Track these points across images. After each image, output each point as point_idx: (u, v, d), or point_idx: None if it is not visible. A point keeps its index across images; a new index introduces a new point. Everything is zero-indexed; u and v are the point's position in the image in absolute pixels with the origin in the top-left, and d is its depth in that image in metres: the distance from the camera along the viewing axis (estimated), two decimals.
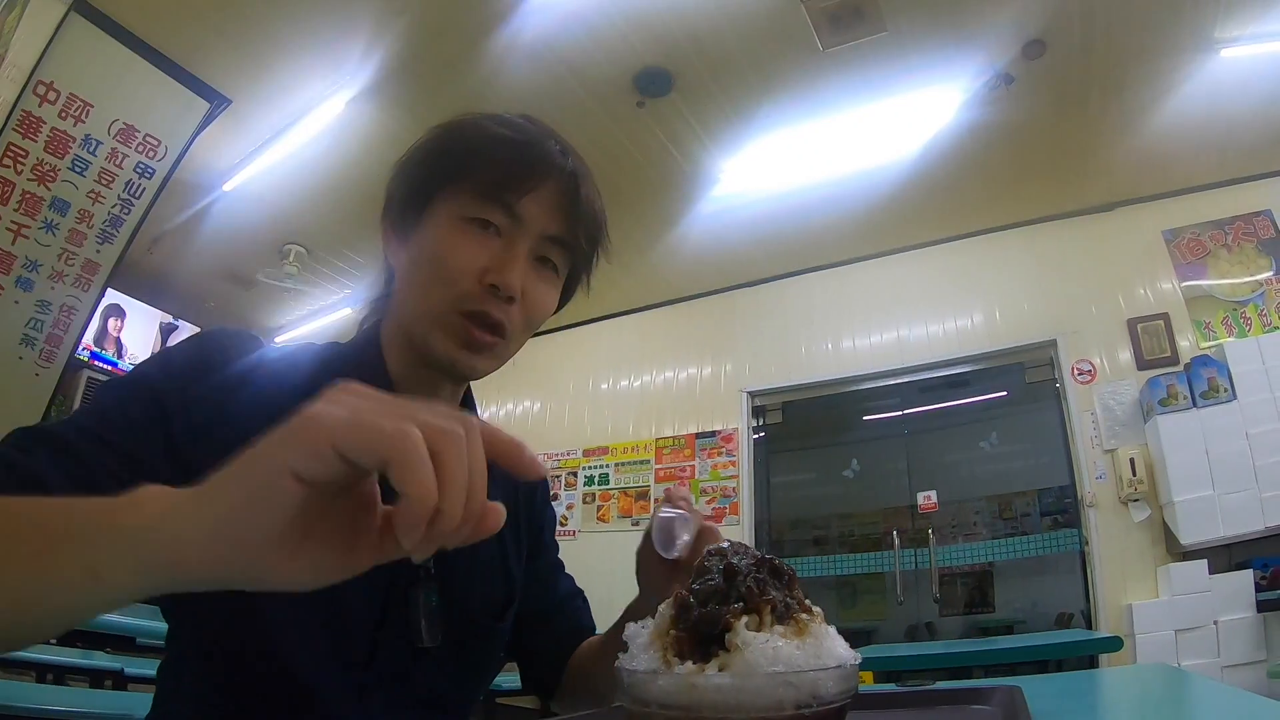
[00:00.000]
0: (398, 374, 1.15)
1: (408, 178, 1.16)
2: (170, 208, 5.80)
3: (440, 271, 1.07)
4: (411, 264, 1.13)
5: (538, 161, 1.10)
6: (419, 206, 1.13)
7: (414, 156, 1.17)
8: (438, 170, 1.12)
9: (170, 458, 0.92)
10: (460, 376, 1.15)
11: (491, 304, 1.07)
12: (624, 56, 4.89)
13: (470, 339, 1.08)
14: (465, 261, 1.07)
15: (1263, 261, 5.84)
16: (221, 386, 1.00)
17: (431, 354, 1.10)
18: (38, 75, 4.20)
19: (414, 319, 1.11)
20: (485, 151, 1.10)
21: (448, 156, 1.13)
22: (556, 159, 1.12)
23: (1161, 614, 5.15)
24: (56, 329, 4.65)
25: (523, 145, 1.11)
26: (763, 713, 0.53)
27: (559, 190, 1.11)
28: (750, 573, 0.61)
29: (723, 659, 0.56)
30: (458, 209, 1.09)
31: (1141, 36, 4.76)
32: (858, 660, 0.59)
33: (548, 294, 1.16)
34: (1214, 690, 1.42)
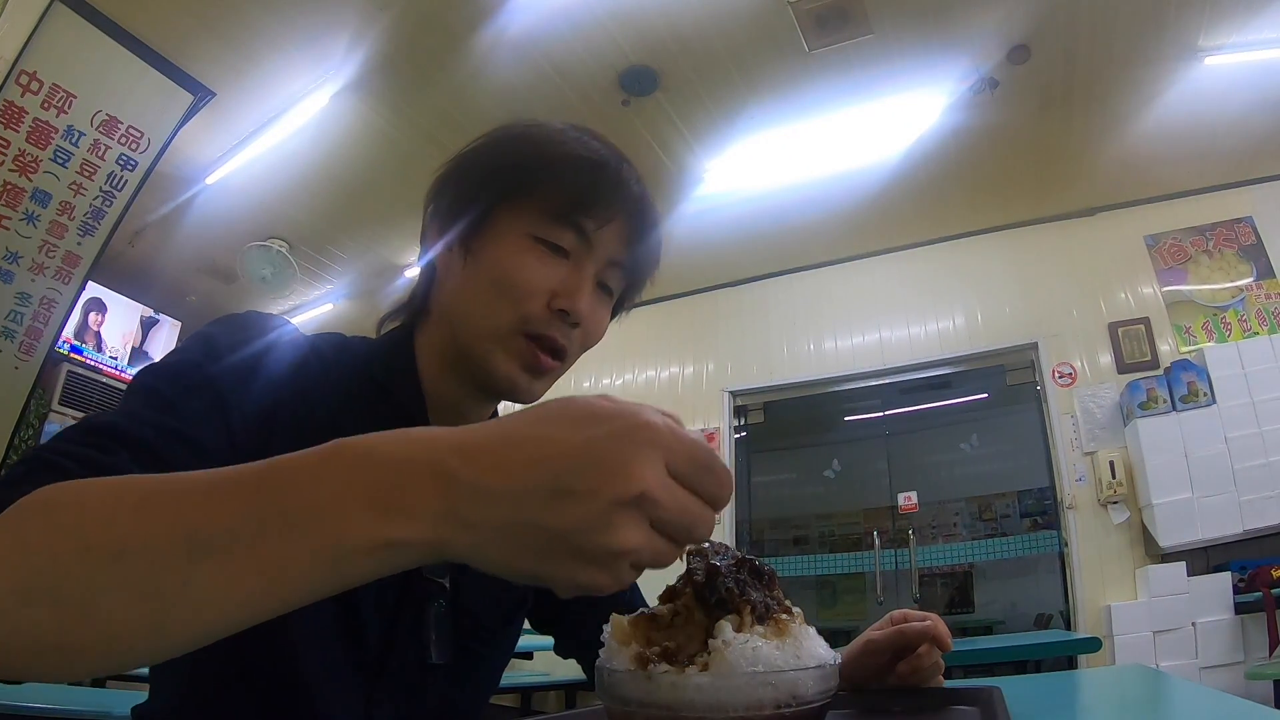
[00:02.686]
0: (432, 386, 1.11)
1: (470, 182, 1.10)
2: (152, 200, 5.76)
3: (508, 291, 1.02)
4: (472, 279, 1.06)
5: (615, 186, 1.06)
6: (481, 215, 1.07)
7: (480, 160, 1.11)
8: (509, 181, 1.06)
9: (231, 448, 0.89)
10: (514, 399, 1.10)
11: (557, 328, 1.04)
12: (609, 55, 4.89)
13: (535, 363, 1.04)
14: (535, 283, 1.02)
15: (1243, 267, 5.88)
16: (273, 376, 0.97)
17: (490, 374, 1.06)
18: (20, 65, 4.16)
19: (474, 336, 1.06)
20: (562, 170, 1.05)
21: (521, 170, 1.06)
22: (632, 185, 1.08)
23: (1140, 615, 5.18)
24: (36, 321, 4.61)
25: (600, 167, 1.06)
26: (742, 712, 0.53)
27: (631, 217, 1.07)
28: (731, 573, 0.61)
29: (703, 659, 0.57)
30: (528, 226, 1.04)
31: (1125, 43, 4.78)
32: (838, 661, 0.59)
33: (604, 318, 1.14)
34: (1191, 691, 1.43)
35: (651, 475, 0.50)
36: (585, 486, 0.49)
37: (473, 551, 0.51)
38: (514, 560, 0.51)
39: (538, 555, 0.50)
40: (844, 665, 1.04)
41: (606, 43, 4.80)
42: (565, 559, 0.50)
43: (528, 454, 0.50)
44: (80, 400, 6.66)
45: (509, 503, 0.49)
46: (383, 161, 5.76)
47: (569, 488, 0.49)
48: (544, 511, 0.49)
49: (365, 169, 5.86)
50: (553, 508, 0.49)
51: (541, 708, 6.13)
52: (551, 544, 0.50)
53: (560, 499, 0.49)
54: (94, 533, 0.52)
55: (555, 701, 5.93)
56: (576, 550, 0.49)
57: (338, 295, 7.64)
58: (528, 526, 0.49)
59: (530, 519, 0.49)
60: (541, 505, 0.49)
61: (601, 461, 0.49)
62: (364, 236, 6.81)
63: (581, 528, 0.49)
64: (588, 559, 0.50)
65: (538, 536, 0.49)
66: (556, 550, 0.50)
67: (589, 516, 0.49)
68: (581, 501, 0.49)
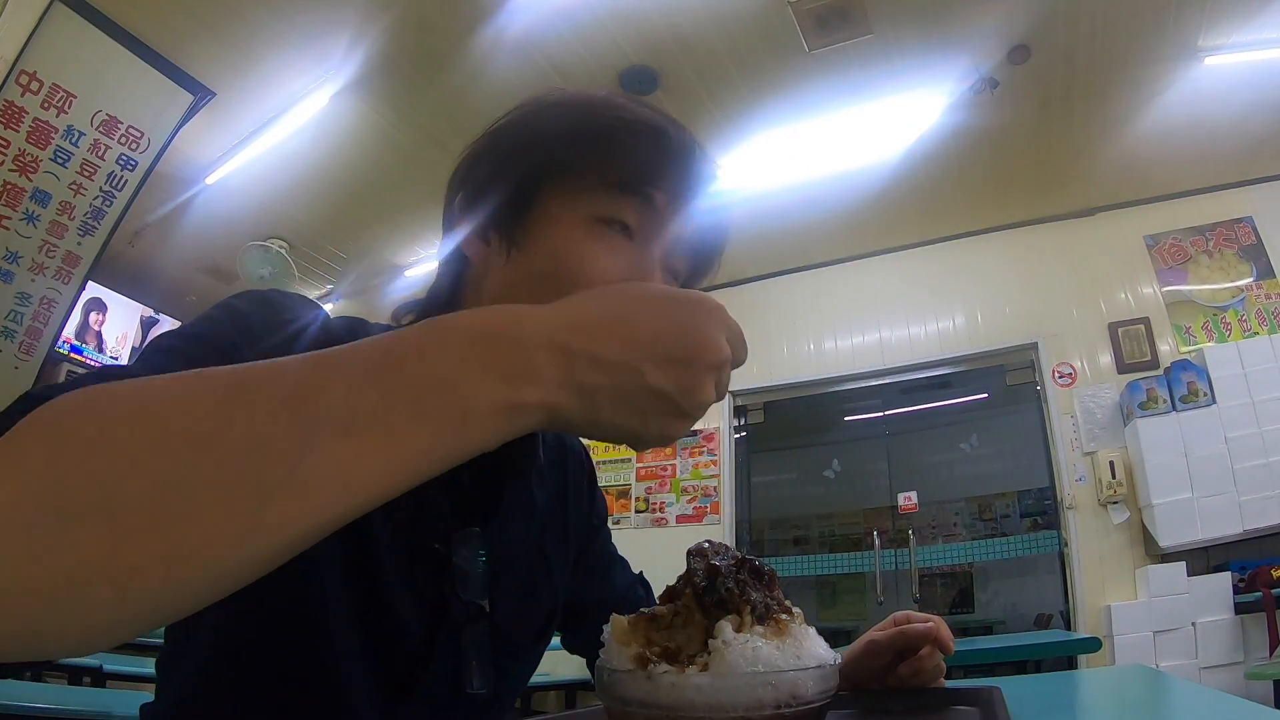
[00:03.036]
0: None
1: (509, 160, 0.96)
2: (152, 200, 5.76)
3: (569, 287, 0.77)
4: (523, 274, 0.92)
5: (682, 152, 0.95)
6: (525, 198, 0.93)
7: (518, 134, 0.99)
8: (558, 154, 0.93)
9: None
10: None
11: None
12: (610, 54, 4.89)
13: None
14: (602, 271, 0.88)
15: (1243, 268, 5.88)
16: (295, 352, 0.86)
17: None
18: (20, 65, 4.17)
19: None
20: (623, 136, 0.92)
21: (572, 140, 0.93)
22: (697, 151, 0.96)
23: (1140, 615, 5.18)
24: (36, 321, 4.62)
25: (661, 132, 0.94)
26: (743, 712, 0.53)
27: (698, 187, 0.95)
28: (731, 574, 0.61)
29: (703, 659, 0.57)
30: (584, 205, 0.91)
31: (1125, 43, 4.78)
32: (838, 661, 0.59)
33: None
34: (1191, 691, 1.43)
35: (725, 346, 0.62)
36: (686, 356, 0.59)
37: (585, 413, 0.56)
38: (619, 418, 0.58)
39: (641, 413, 0.58)
40: (845, 665, 1.04)
41: (606, 43, 4.80)
42: (663, 415, 0.59)
43: (634, 331, 0.58)
44: None
45: (622, 370, 0.57)
46: (383, 161, 5.76)
47: (674, 357, 0.58)
48: (653, 375, 0.57)
49: (365, 169, 5.86)
50: (660, 372, 0.58)
51: (541, 708, 6.13)
52: (654, 402, 0.58)
53: (666, 366, 0.58)
54: (171, 418, 0.46)
55: (555, 701, 5.94)
56: (674, 407, 0.59)
57: (337, 295, 7.64)
58: (637, 389, 0.57)
59: (640, 383, 0.57)
60: (651, 371, 0.57)
61: (697, 336, 0.60)
62: (364, 236, 6.81)
63: (682, 388, 0.59)
64: (681, 413, 0.60)
65: (644, 397, 0.58)
66: (657, 407, 0.59)
67: (689, 379, 0.59)
68: (683, 367, 0.59)
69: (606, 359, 0.56)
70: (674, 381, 0.58)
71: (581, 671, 4.71)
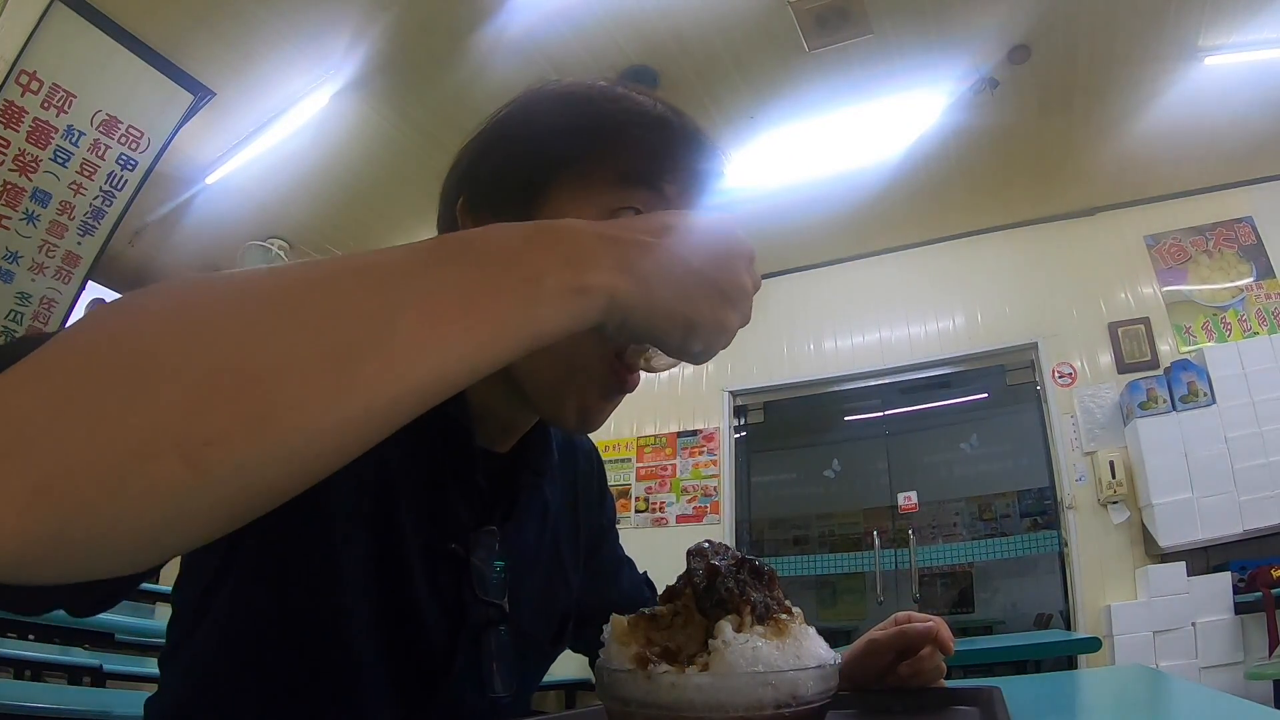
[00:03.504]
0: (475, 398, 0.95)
1: (514, 155, 0.94)
2: (152, 200, 5.76)
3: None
4: None
5: (692, 142, 0.94)
6: (534, 195, 0.90)
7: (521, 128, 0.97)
8: (566, 150, 0.91)
9: None
10: (582, 430, 0.94)
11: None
12: (609, 54, 4.89)
13: (618, 383, 0.91)
14: None
15: (1243, 268, 5.88)
16: None
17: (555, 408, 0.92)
18: (20, 65, 4.17)
19: (543, 361, 0.86)
20: (632, 128, 0.91)
21: (579, 133, 0.91)
22: (703, 137, 0.95)
23: (1140, 615, 5.18)
24: (36, 321, 4.62)
25: (670, 122, 0.93)
26: (743, 712, 0.53)
27: (709, 177, 0.95)
28: (731, 574, 0.61)
29: (703, 659, 0.57)
30: (597, 201, 0.88)
31: (1125, 43, 4.79)
32: (838, 661, 0.59)
33: None
34: (1191, 691, 1.43)
35: (751, 246, 0.71)
36: (723, 248, 0.66)
37: (643, 297, 0.58)
38: (675, 303, 0.61)
39: (692, 299, 0.62)
40: (846, 665, 1.04)
41: (606, 43, 4.80)
42: (712, 301, 0.64)
43: (675, 229, 0.63)
44: None
45: (670, 255, 0.61)
46: (383, 161, 5.76)
47: (713, 248, 0.65)
48: (697, 261, 0.63)
49: (365, 169, 5.86)
50: (702, 259, 0.63)
51: (541, 707, 6.12)
52: (701, 287, 0.63)
53: (707, 255, 0.64)
54: (254, 289, 0.46)
55: (555, 701, 5.93)
56: (720, 292, 0.64)
57: None
58: (685, 272, 0.62)
59: (687, 267, 0.62)
60: (694, 258, 0.63)
61: (723, 227, 0.68)
62: (364, 236, 6.80)
63: (724, 273, 0.65)
64: (727, 299, 0.65)
65: (692, 281, 0.62)
66: (705, 292, 0.63)
67: (728, 266, 0.66)
68: (721, 257, 0.66)
69: (654, 247, 0.60)
70: (715, 267, 0.64)
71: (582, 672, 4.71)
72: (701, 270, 0.63)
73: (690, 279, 0.62)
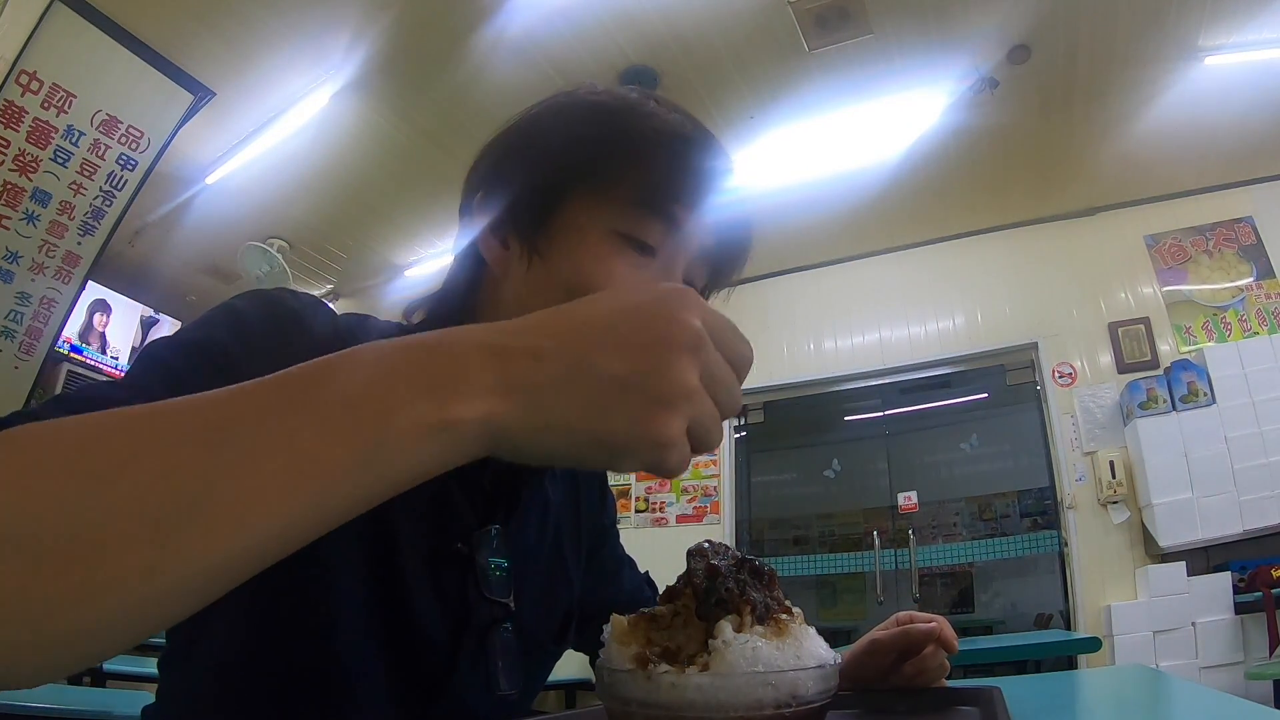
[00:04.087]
0: None
1: (534, 163, 0.95)
2: (152, 200, 5.76)
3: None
4: (544, 285, 0.90)
5: (711, 163, 0.93)
6: (550, 205, 0.92)
7: (544, 136, 0.97)
8: (586, 164, 0.92)
9: None
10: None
11: None
12: (610, 55, 4.89)
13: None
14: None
15: (1243, 268, 5.88)
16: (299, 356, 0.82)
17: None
18: (20, 65, 4.17)
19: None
20: (652, 150, 0.90)
21: (600, 149, 0.92)
22: (723, 163, 0.94)
23: (1140, 615, 5.18)
24: (36, 321, 4.62)
25: (690, 144, 0.92)
26: (743, 712, 0.53)
27: (722, 200, 0.93)
28: (731, 574, 0.61)
29: (703, 659, 0.57)
30: (609, 220, 0.89)
31: (1126, 43, 4.78)
32: (838, 661, 0.59)
33: None
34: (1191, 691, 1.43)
35: (697, 324, 0.51)
36: (644, 337, 0.50)
37: (531, 418, 0.49)
38: (574, 417, 0.49)
39: (600, 408, 0.48)
40: (848, 665, 1.05)
41: (606, 43, 4.80)
42: (630, 406, 0.49)
43: (580, 321, 0.51)
44: None
45: (567, 359, 0.49)
46: (383, 161, 5.76)
47: (629, 340, 0.49)
48: (605, 361, 0.49)
49: (365, 169, 5.86)
50: (614, 357, 0.49)
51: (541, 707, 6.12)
52: (613, 393, 0.49)
53: (620, 349, 0.49)
54: (90, 455, 0.45)
55: (555, 701, 5.93)
56: (642, 394, 0.49)
57: (338, 295, 7.64)
58: (588, 379, 0.49)
59: (591, 372, 0.49)
60: (602, 357, 0.49)
61: (658, 314, 0.51)
62: (364, 236, 6.81)
63: (645, 370, 0.49)
64: (654, 400, 0.49)
65: (599, 387, 0.49)
66: (619, 398, 0.49)
67: (650, 359, 0.49)
68: (641, 349, 0.49)
69: (547, 350, 0.49)
70: (632, 365, 0.49)
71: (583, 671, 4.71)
72: (618, 374, 0.49)
73: (601, 387, 0.49)
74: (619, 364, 0.49)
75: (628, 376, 0.49)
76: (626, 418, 0.49)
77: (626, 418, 0.49)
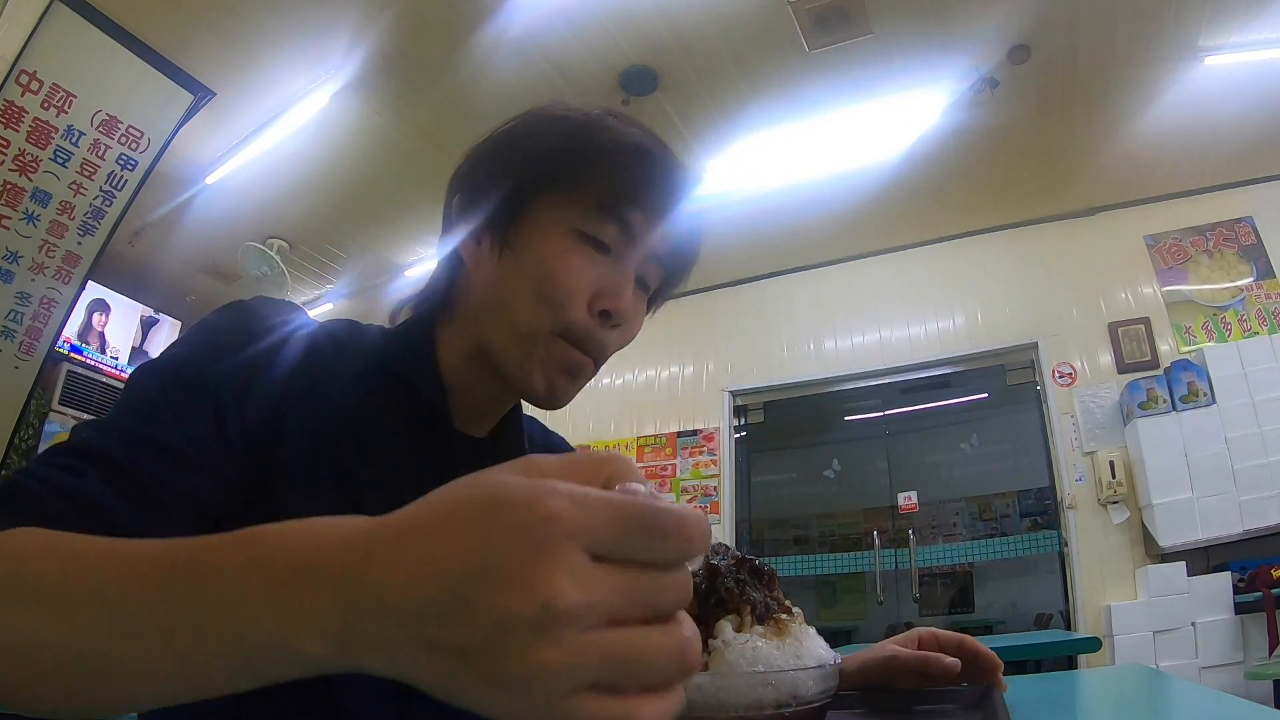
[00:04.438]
0: (452, 379, 1.06)
1: (507, 168, 1.03)
2: (152, 200, 5.75)
3: (551, 293, 0.97)
4: (507, 276, 1.00)
5: (662, 175, 1.02)
6: (518, 205, 1.01)
7: (517, 144, 1.05)
8: (551, 169, 1.01)
9: (227, 452, 0.85)
10: (545, 404, 1.05)
11: (598, 330, 0.99)
12: (610, 54, 4.88)
13: (573, 364, 1.00)
14: (579, 284, 0.97)
15: (1243, 268, 5.88)
16: (281, 374, 0.92)
17: (525, 379, 1.01)
18: (20, 65, 4.16)
19: (510, 338, 1.00)
20: (609, 158, 1.00)
21: (564, 157, 1.01)
22: (676, 174, 1.03)
23: (1140, 615, 5.18)
24: (36, 321, 4.61)
25: (645, 154, 1.01)
26: (743, 712, 0.53)
27: (673, 208, 1.02)
28: (731, 573, 0.61)
29: (704, 659, 0.56)
30: (570, 219, 0.99)
31: (1126, 43, 4.79)
32: (839, 661, 0.59)
33: (640, 316, 1.11)
34: (1191, 691, 1.43)
35: (553, 587, 0.37)
36: (478, 599, 0.37)
37: (391, 671, 0.41)
38: (435, 685, 0.40)
39: (451, 681, 0.39)
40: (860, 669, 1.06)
41: (606, 43, 4.79)
42: (482, 687, 0.38)
43: (427, 556, 0.39)
44: (80, 400, 6.65)
45: (407, 619, 0.39)
46: (383, 161, 5.76)
47: (463, 601, 0.38)
48: (439, 630, 0.38)
49: (365, 169, 5.85)
50: (448, 626, 0.38)
51: None
52: (457, 669, 0.38)
53: (455, 616, 0.38)
54: (24, 588, 0.53)
55: None
56: (485, 675, 0.38)
57: (337, 295, 7.64)
58: (428, 647, 0.39)
59: (428, 638, 0.39)
60: (437, 623, 0.38)
61: (497, 568, 0.37)
62: (364, 236, 6.80)
63: (478, 649, 0.38)
64: (504, 688, 0.38)
65: (441, 659, 0.39)
66: (467, 676, 0.38)
67: (484, 635, 0.37)
68: (475, 618, 0.37)
69: (388, 604, 0.39)
70: (464, 638, 0.38)
71: None
72: (451, 646, 0.38)
73: (437, 658, 0.38)
74: (454, 637, 0.38)
75: (466, 655, 0.38)
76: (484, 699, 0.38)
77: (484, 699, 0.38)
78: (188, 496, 0.81)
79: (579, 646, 0.37)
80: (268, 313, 0.96)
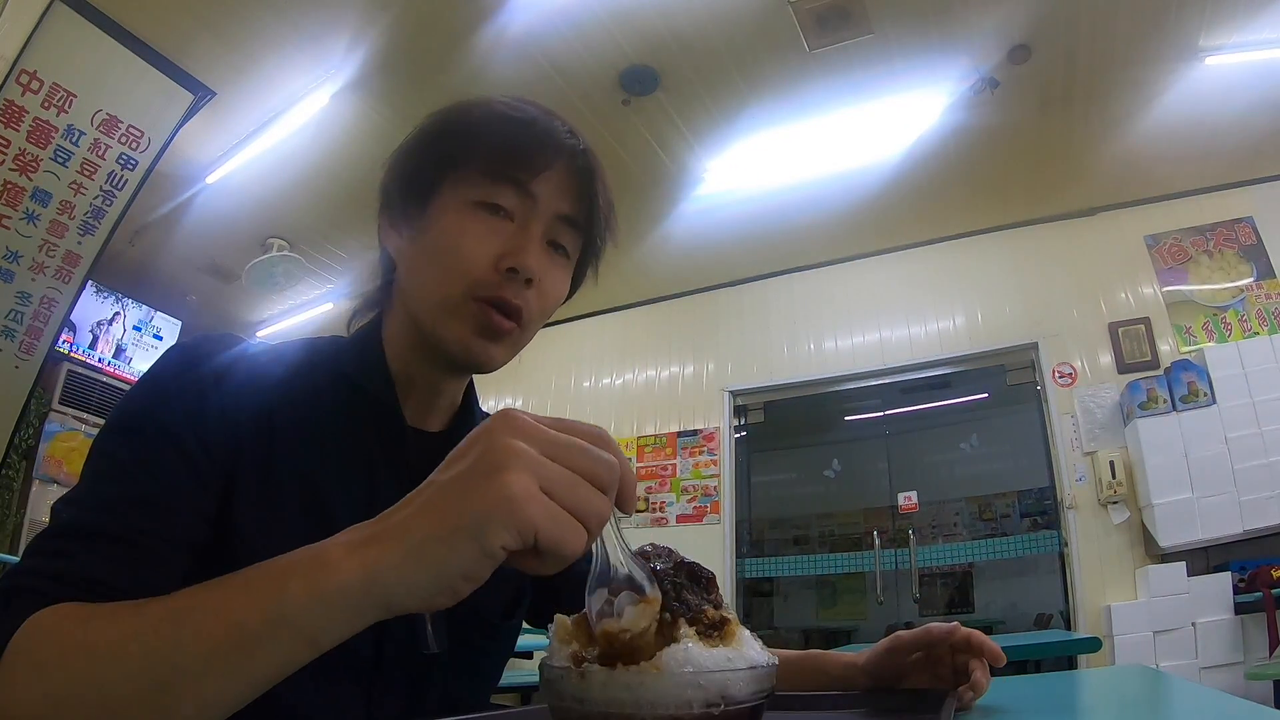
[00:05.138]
0: (400, 371, 1.11)
1: (408, 166, 1.12)
2: (152, 200, 5.77)
3: (453, 260, 1.02)
4: (420, 255, 1.08)
5: (547, 138, 1.06)
6: (423, 195, 1.08)
7: (413, 143, 1.13)
8: (443, 154, 1.08)
9: (195, 480, 0.89)
10: (474, 367, 1.10)
11: (509, 289, 1.02)
12: (610, 54, 4.89)
13: (489, 324, 1.03)
14: (480, 247, 1.02)
15: (1243, 268, 5.88)
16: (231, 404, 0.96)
17: (445, 345, 1.05)
18: (21, 64, 4.17)
19: (426, 310, 1.06)
20: (493, 130, 1.06)
21: (452, 138, 1.08)
22: (565, 137, 1.07)
23: (1140, 615, 5.18)
24: (36, 321, 4.62)
25: (530, 123, 1.07)
26: (672, 711, 0.55)
27: (570, 168, 1.08)
28: (668, 576, 0.63)
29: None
30: (467, 193, 1.04)
31: (1126, 43, 4.79)
32: (773, 663, 0.60)
33: (561, 279, 1.13)
34: (1191, 691, 1.42)
35: (516, 445, 0.58)
36: (465, 456, 0.60)
37: (399, 545, 0.58)
38: (435, 527, 0.58)
39: (448, 509, 0.58)
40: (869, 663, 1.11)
41: (607, 42, 4.80)
42: (469, 491, 0.58)
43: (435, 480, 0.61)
44: (80, 399, 6.66)
45: (413, 501, 0.60)
46: (383, 161, 5.74)
47: (454, 463, 0.61)
48: (441, 479, 0.60)
49: (366, 169, 5.83)
50: (444, 476, 0.60)
51: None
52: (452, 493, 0.59)
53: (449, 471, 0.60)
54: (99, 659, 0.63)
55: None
56: (474, 475, 0.58)
57: (338, 295, 7.64)
58: (430, 497, 0.60)
59: (431, 491, 0.60)
60: (437, 485, 0.60)
61: (474, 438, 0.61)
62: (364, 236, 6.75)
63: (471, 468, 0.59)
64: (484, 474, 0.57)
65: (441, 497, 0.59)
66: (458, 493, 0.58)
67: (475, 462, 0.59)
68: (467, 464, 0.59)
69: (395, 509, 0.61)
70: (462, 468, 0.60)
71: None
72: (452, 481, 0.60)
73: (443, 495, 0.59)
74: (452, 475, 0.59)
75: (460, 477, 0.59)
76: (470, 496, 0.57)
77: (470, 496, 0.57)
78: (178, 540, 0.85)
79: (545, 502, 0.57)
80: (210, 349, 1.00)
